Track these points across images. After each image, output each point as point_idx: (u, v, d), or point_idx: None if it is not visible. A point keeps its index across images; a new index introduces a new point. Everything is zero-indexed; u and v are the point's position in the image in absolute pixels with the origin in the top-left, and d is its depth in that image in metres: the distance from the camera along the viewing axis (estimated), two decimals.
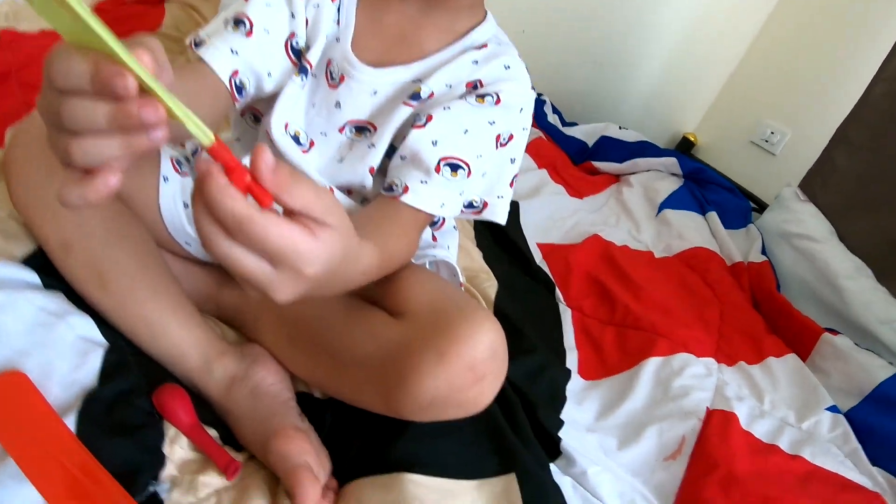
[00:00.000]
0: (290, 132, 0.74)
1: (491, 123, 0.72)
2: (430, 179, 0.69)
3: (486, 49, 0.73)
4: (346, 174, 0.74)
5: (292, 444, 0.62)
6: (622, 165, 1.39)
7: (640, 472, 0.79)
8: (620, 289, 1.04)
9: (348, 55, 0.72)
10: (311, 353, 0.70)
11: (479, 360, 0.59)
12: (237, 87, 0.69)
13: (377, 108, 0.73)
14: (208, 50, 0.67)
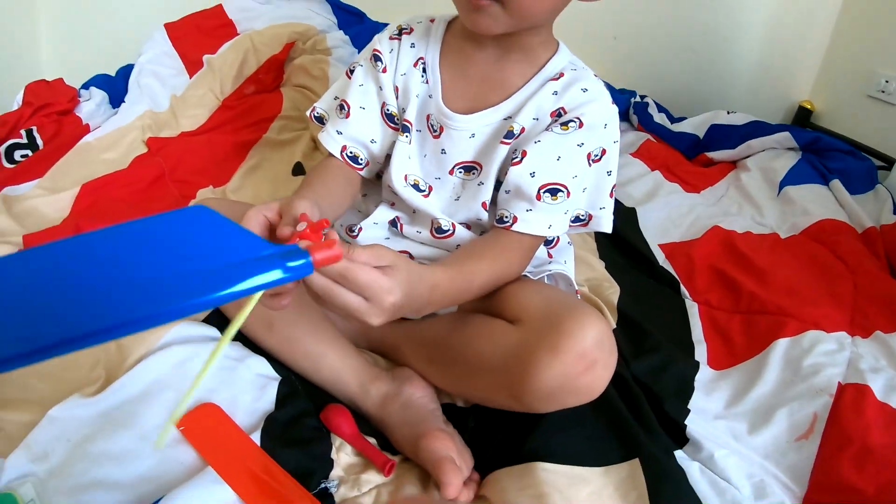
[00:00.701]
0: (410, 182, 0.87)
1: (580, 146, 0.79)
2: (534, 207, 0.79)
3: (563, 78, 0.81)
4: (463, 211, 0.86)
5: (438, 442, 0.73)
6: (736, 151, 1.37)
7: (772, 454, 0.80)
8: (745, 276, 1.04)
9: (442, 108, 0.83)
10: (447, 367, 0.81)
11: (588, 349, 0.67)
12: (351, 158, 0.86)
13: (478, 148, 0.84)
14: (324, 136, 0.87)
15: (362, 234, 0.89)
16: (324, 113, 0.92)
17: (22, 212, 1.13)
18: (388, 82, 0.86)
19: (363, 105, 0.87)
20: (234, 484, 0.67)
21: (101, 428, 0.73)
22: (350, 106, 0.86)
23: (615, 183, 0.85)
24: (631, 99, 1.55)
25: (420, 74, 0.86)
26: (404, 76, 0.86)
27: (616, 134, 0.83)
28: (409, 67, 0.86)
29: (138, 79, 1.48)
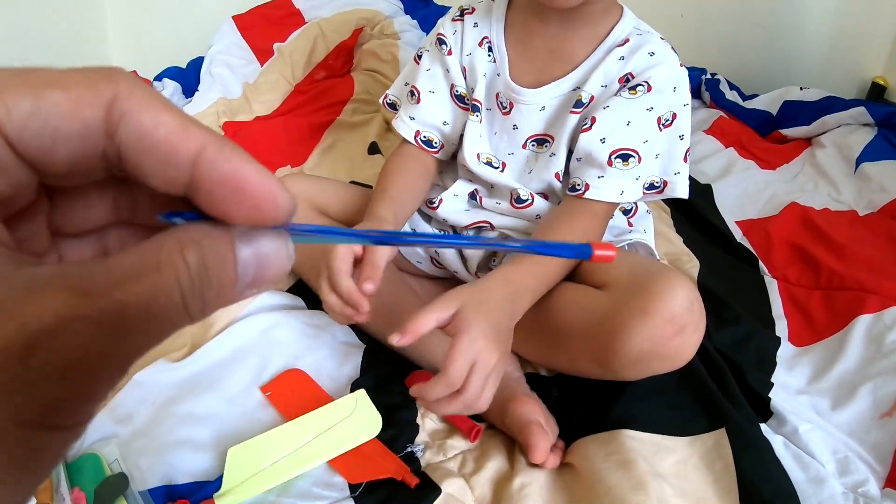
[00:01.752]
0: (483, 160, 0.88)
1: (649, 110, 0.79)
2: (606, 173, 0.79)
3: (628, 43, 0.81)
4: (537, 182, 0.86)
5: (525, 406, 0.74)
6: (810, 127, 1.33)
7: (855, 431, 0.78)
8: (824, 252, 1.02)
9: (510, 85, 0.84)
10: (532, 334, 0.81)
11: (678, 313, 0.68)
12: (425, 143, 0.89)
13: (549, 120, 0.85)
14: (397, 123, 0.90)
15: (442, 206, 0.91)
16: (396, 99, 0.94)
17: None
18: (454, 64, 0.87)
19: (432, 89, 0.89)
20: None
21: (185, 391, 0.77)
22: (420, 91, 0.89)
23: (689, 147, 0.83)
24: (702, 76, 1.54)
25: (486, 53, 0.87)
26: (470, 56, 0.87)
27: (686, 97, 0.82)
28: (474, 47, 0.87)
29: (210, 69, 1.53)
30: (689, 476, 0.69)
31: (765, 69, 1.55)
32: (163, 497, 0.66)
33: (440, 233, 0.90)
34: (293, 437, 0.71)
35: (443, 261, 0.94)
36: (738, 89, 1.51)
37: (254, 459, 0.69)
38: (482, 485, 0.70)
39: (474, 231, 0.91)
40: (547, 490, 0.69)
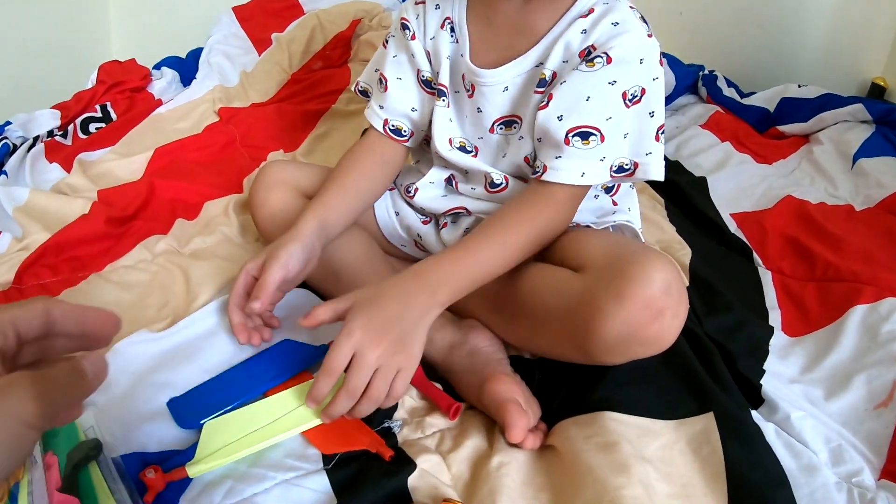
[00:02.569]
0: (456, 146, 0.86)
1: (612, 83, 0.73)
2: (563, 153, 0.75)
3: (592, 14, 0.75)
4: (510, 167, 0.84)
5: (503, 385, 0.71)
6: (808, 124, 1.33)
7: (849, 421, 0.76)
8: (819, 244, 1.01)
9: (469, 66, 0.82)
10: (512, 318, 0.79)
11: (655, 296, 0.65)
12: (394, 132, 0.88)
13: (514, 100, 0.81)
14: (368, 113, 0.89)
15: (419, 194, 0.90)
16: (367, 86, 0.93)
17: (97, 174, 1.19)
18: (418, 49, 0.85)
19: (399, 76, 0.87)
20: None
21: (165, 361, 0.77)
22: (387, 79, 0.87)
23: (662, 124, 0.77)
24: (699, 72, 1.54)
25: (448, 34, 0.84)
26: (433, 39, 0.85)
27: (655, 70, 0.76)
28: (436, 30, 0.85)
29: (208, 58, 1.54)
30: (674, 460, 0.66)
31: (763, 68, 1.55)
32: (135, 465, 0.65)
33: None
34: (270, 412, 0.69)
35: (425, 245, 0.93)
36: (736, 86, 1.51)
37: (229, 432, 0.68)
38: (459, 462, 0.68)
39: (452, 217, 0.90)
40: (526, 470, 0.67)
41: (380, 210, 0.95)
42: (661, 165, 0.77)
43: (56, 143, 1.28)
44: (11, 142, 1.23)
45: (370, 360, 0.64)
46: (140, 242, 0.99)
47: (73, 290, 0.91)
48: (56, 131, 1.31)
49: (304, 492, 0.63)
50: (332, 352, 0.64)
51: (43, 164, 1.22)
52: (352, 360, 0.64)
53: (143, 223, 1.03)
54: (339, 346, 0.64)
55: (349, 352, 0.64)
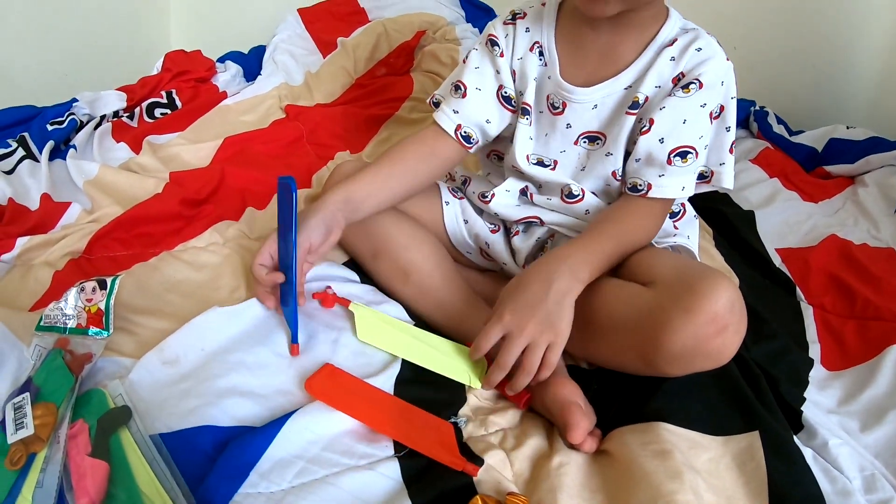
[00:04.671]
0: (533, 161, 0.91)
1: (703, 106, 0.82)
2: (666, 172, 0.84)
3: (677, 43, 0.83)
4: (592, 179, 0.89)
5: (566, 389, 0.76)
6: (854, 166, 1.36)
7: (882, 453, 0.79)
8: (860, 283, 1.04)
9: (562, 84, 0.87)
10: (578, 327, 0.81)
11: (720, 312, 0.69)
12: (464, 138, 0.91)
13: (602, 119, 0.87)
14: (439, 115, 0.91)
15: (495, 200, 0.94)
16: (441, 98, 0.95)
17: (166, 156, 1.24)
18: (504, 66, 0.90)
19: (479, 86, 0.91)
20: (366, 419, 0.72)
21: (237, 340, 0.78)
22: (466, 86, 0.90)
23: (734, 139, 0.87)
24: (751, 108, 1.57)
25: (537, 58, 0.89)
26: (521, 60, 0.90)
27: (732, 90, 0.85)
28: (525, 52, 0.89)
29: (273, 56, 1.59)
30: (721, 474, 0.70)
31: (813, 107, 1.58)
32: (207, 438, 0.67)
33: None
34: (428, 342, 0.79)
35: (492, 253, 0.97)
36: (786, 124, 1.54)
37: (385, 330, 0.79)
38: (521, 460, 0.72)
39: (524, 225, 0.94)
40: (584, 471, 0.71)
41: (448, 217, 0.99)
42: (732, 175, 0.88)
43: (123, 124, 1.33)
44: (79, 118, 1.28)
45: (519, 340, 0.72)
46: (212, 226, 1.02)
47: (145, 264, 0.94)
48: (122, 112, 1.37)
49: (376, 477, 0.66)
50: (482, 335, 0.74)
51: (110, 142, 1.26)
52: (504, 340, 0.74)
53: (215, 207, 1.07)
54: (488, 330, 0.74)
55: (499, 333, 0.74)
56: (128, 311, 0.83)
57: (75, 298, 0.79)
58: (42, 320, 0.78)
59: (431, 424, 0.73)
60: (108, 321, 0.78)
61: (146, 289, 0.88)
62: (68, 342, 0.76)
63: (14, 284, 0.90)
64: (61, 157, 1.18)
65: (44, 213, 1.03)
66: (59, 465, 0.63)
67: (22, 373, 0.74)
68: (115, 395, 0.71)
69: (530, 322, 0.73)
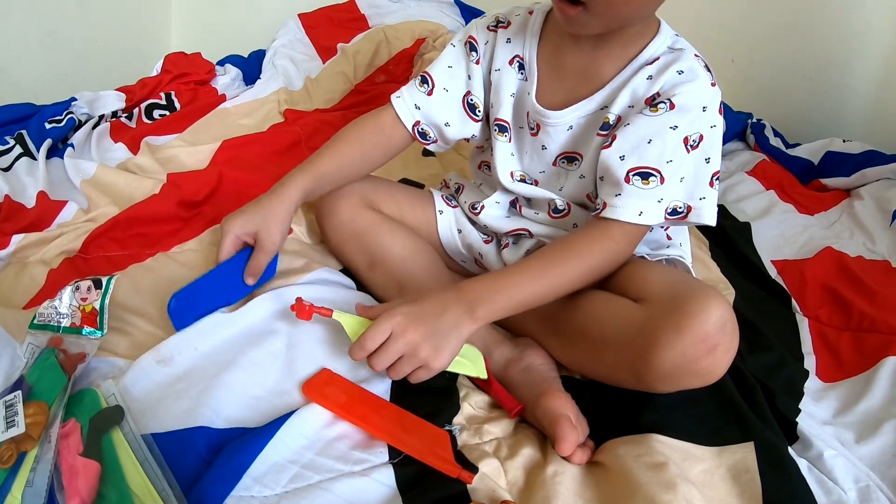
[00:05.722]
0: (517, 178, 0.90)
1: (673, 128, 0.76)
2: (623, 191, 0.77)
3: (658, 62, 0.78)
4: (571, 197, 0.88)
5: (557, 401, 0.75)
6: (850, 179, 1.38)
7: (877, 465, 0.79)
8: (856, 295, 1.05)
9: (536, 107, 0.85)
10: (571, 341, 0.83)
11: (710, 332, 0.68)
12: (420, 134, 0.91)
13: (576, 139, 0.85)
14: (399, 104, 0.90)
15: (484, 212, 0.93)
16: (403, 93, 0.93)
17: (163, 157, 1.23)
18: (478, 74, 0.88)
19: (447, 87, 0.89)
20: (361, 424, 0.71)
21: (231, 342, 0.78)
22: (435, 84, 0.88)
23: (718, 170, 0.80)
24: (748, 120, 1.58)
25: (516, 72, 0.86)
26: (498, 72, 0.87)
27: (715, 118, 0.79)
28: (503, 64, 0.86)
29: (273, 60, 1.59)
30: (715, 485, 0.70)
31: (809, 120, 1.60)
32: (201, 438, 0.67)
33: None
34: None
35: (485, 263, 0.97)
36: (782, 136, 1.55)
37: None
38: (515, 469, 0.72)
39: (513, 237, 0.94)
40: (579, 481, 0.70)
41: (442, 227, 0.99)
42: (714, 211, 0.80)
43: (121, 124, 1.33)
44: (77, 117, 1.28)
45: (398, 345, 0.70)
46: (208, 228, 1.02)
47: (140, 265, 0.93)
48: (121, 113, 1.37)
49: (371, 483, 0.65)
50: (371, 328, 0.71)
51: (108, 142, 1.27)
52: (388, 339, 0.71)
53: (212, 210, 1.06)
54: (379, 324, 0.71)
55: (387, 330, 0.71)
56: (123, 310, 0.83)
57: (70, 297, 0.79)
58: (35, 318, 0.78)
59: (426, 431, 0.73)
60: (103, 321, 0.78)
61: (141, 289, 0.88)
62: (62, 341, 0.76)
63: (8, 282, 0.89)
64: (59, 155, 1.18)
65: (40, 211, 1.03)
66: (50, 464, 0.62)
67: (14, 371, 0.73)
68: (108, 395, 0.70)
69: (416, 334, 0.71)
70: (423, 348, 0.71)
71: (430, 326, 0.71)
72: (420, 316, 0.71)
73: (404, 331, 0.70)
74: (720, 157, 0.81)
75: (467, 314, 0.73)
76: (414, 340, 0.70)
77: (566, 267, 0.78)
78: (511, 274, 0.78)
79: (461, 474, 0.67)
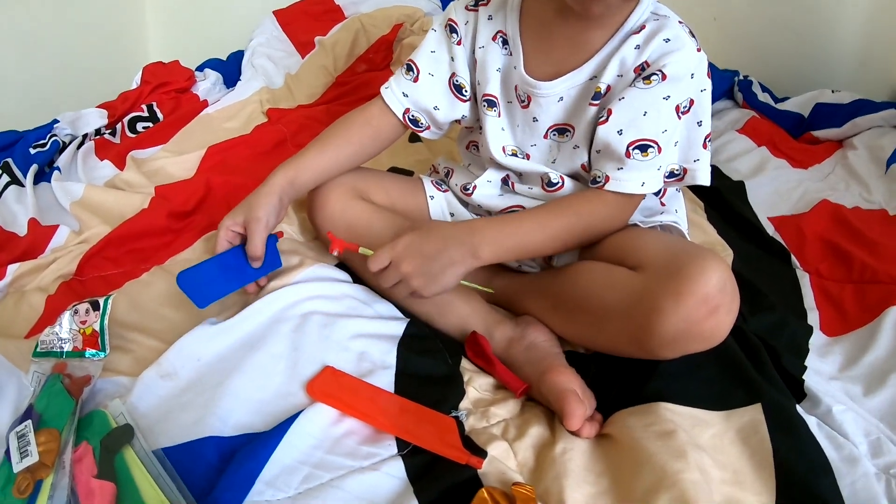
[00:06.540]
0: (509, 152, 0.90)
1: (666, 98, 0.78)
2: (625, 165, 0.80)
3: (644, 30, 0.79)
4: (564, 170, 0.88)
5: (562, 376, 0.76)
6: (841, 129, 1.36)
7: (886, 416, 0.79)
8: (855, 247, 1.04)
9: (525, 79, 0.85)
10: (571, 315, 0.83)
11: (711, 294, 0.69)
12: (412, 121, 0.92)
13: (569, 110, 0.85)
14: (388, 94, 0.91)
15: (477, 192, 0.93)
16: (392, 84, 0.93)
17: (150, 171, 1.23)
18: (461, 55, 0.88)
19: (432, 72, 0.89)
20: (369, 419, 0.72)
21: (232, 349, 0.78)
22: (420, 70, 0.89)
23: (709, 132, 0.83)
24: (735, 78, 1.57)
25: (500, 47, 0.87)
26: (482, 49, 0.87)
27: (704, 82, 0.81)
28: (487, 41, 0.87)
29: (252, 60, 1.58)
30: (725, 449, 0.70)
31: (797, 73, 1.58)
32: (211, 449, 0.68)
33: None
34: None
35: None
36: (771, 92, 1.54)
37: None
38: (525, 450, 0.72)
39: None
40: (588, 456, 0.71)
41: (434, 212, 0.99)
42: (708, 171, 0.83)
43: (105, 141, 1.33)
44: (61, 139, 1.27)
45: (394, 273, 0.77)
46: (201, 237, 1.02)
47: (136, 281, 0.94)
48: (104, 129, 1.36)
49: (382, 477, 0.66)
50: (375, 256, 0.77)
51: (94, 161, 1.26)
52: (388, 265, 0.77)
53: (203, 218, 1.06)
54: (381, 252, 0.77)
55: (387, 258, 0.77)
56: (122, 328, 0.83)
57: (69, 321, 0.79)
58: (38, 346, 0.78)
59: (433, 420, 0.73)
60: (104, 341, 0.78)
61: (139, 305, 0.88)
62: (66, 366, 0.76)
63: (8, 312, 0.89)
64: (46, 179, 1.18)
65: (32, 239, 1.03)
66: (67, 489, 0.63)
67: (22, 400, 0.74)
68: (117, 415, 0.71)
69: (412, 265, 0.76)
70: (416, 280, 0.77)
71: (425, 261, 0.76)
72: (419, 250, 0.77)
73: (400, 262, 0.76)
74: (710, 119, 0.83)
75: (470, 253, 0.78)
76: (407, 272, 0.76)
77: (560, 221, 0.82)
78: (517, 220, 0.82)
79: (470, 460, 0.67)
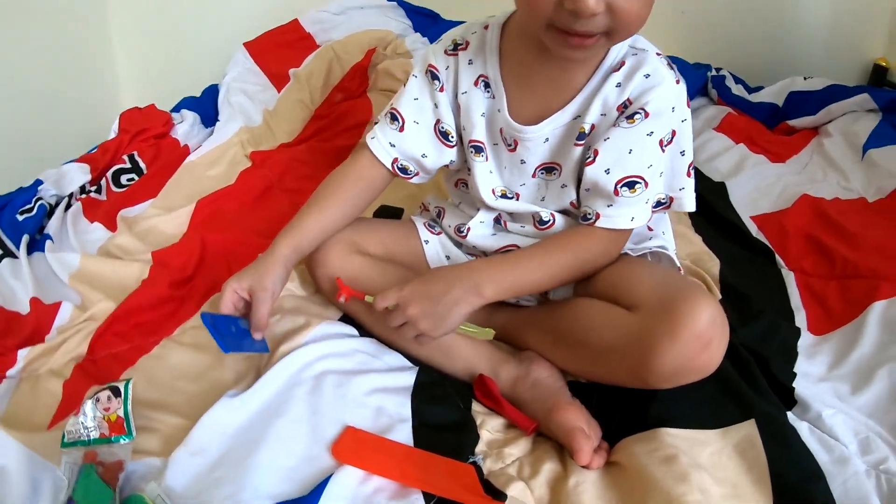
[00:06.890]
0: (499, 194, 0.92)
1: (650, 134, 0.81)
2: (614, 202, 0.83)
3: (624, 67, 0.80)
4: (553, 206, 0.91)
5: (569, 414, 0.80)
6: (816, 117, 1.38)
7: (874, 413, 0.83)
8: (837, 242, 1.07)
9: (511, 124, 0.86)
10: (572, 350, 0.87)
11: (703, 330, 0.73)
12: (401, 170, 0.93)
13: (554, 149, 0.87)
14: (375, 145, 0.92)
15: (471, 233, 0.95)
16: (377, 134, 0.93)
17: (142, 231, 1.21)
18: (444, 101, 0.89)
19: (417, 120, 0.90)
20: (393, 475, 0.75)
21: (253, 419, 0.80)
22: (405, 119, 0.90)
23: (692, 161, 0.85)
24: (707, 73, 1.58)
25: (482, 91, 0.87)
26: (465, 95, 0.88)
27: (684, 112, 0.83)
28: (469, 86, 0.87)
29: (228, 98, 1.56)
30: (724, 465, 0.75)
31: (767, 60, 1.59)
32: None
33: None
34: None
35: None
36: (744, 82, 1.55)
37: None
38: (540, 486, 0.76)
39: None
40: (599, 486, 0.76)
41: (430, 256, 1.01)
42: (693, 198, 0.87)
43: (92, 200, 1.29)
44: (47, 202, 1.25)
45: (400, 316, 0.81)
46: (206, 301, 1.03)
47: (149, 356, 0.95)
48: (88, 186, 1.32)
49: None
50: (383, 294, 0.82)
51: (84, 223, 1.24)
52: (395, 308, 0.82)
53: (203, 282, 1.06)
54: (388, 293, 0.82)
55: (394, 299, 0.82)
56: (144, 408, 0.85)
57: (92, 409, 0.81)
58: (65, 437, 0.80)
59: (454, 470, 0.77)
60: (130, 426, 0.80)
61: (156, 381, 0.90)
62: (96, 454, 0.78)
63: (26, 401, 0.90)
64: (38, 248, 1.15)
65: (36, 319, 1.02)
66: None
67: (58, 493, 0.76)
68: (154, 497, 0.73)
69: (418, 308, 0.80)
70: (423, 322, 0.81)
71: (431, 303, 0.80)
72: (425, 293, 0.81)
73: (406, 305, 0.81)
74: (692, 147, 0.86)
75: (473, 292, 0.81)
76: (413, 314, 0.80)
77: (557, 259, 0.85)
78: (515, 259, 0.86)
79: None
